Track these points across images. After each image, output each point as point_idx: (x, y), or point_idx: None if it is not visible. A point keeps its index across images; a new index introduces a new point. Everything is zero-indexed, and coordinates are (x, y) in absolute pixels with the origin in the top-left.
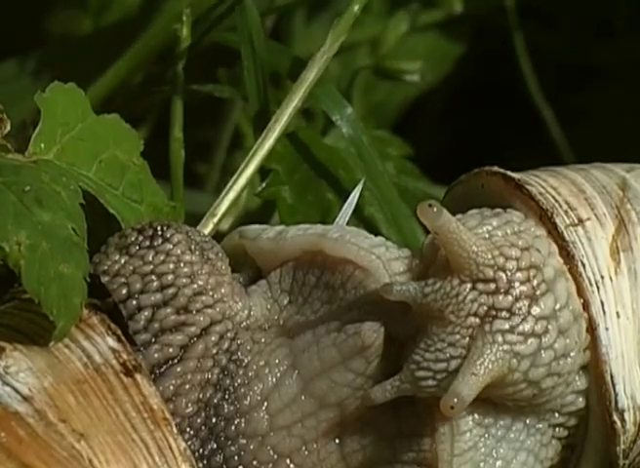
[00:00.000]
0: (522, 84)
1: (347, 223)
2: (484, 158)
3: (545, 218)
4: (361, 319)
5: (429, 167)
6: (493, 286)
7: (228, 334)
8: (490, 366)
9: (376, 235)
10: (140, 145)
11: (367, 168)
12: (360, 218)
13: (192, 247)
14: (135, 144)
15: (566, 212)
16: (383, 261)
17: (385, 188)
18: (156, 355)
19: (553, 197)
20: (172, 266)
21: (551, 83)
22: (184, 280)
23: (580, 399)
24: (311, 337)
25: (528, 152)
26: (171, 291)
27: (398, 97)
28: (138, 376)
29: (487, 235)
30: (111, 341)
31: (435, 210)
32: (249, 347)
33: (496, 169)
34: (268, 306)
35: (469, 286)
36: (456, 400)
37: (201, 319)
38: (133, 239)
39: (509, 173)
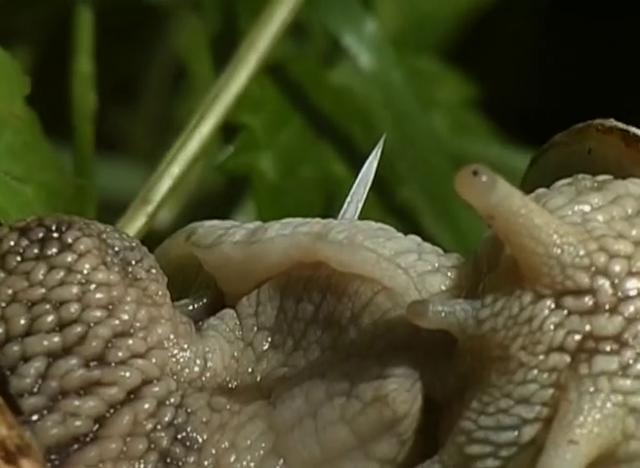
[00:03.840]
0: None
1: (360, 216)
2: (591, 107)
3: None
4: (382, 373)
5: (504, 119)
6: (589, 301)
7: (172, 400)
8: (595, 429)
9: (406, 234)
10: (24, 86)
11: (400, 121)
12: (389, 206)
13: (109, 258)
14: (15, 85)
15: None
16: (413, 277)
17: (431, 155)
18: (55, 431)
19: None
20: (76, 290)
21: None
22: (98, 313)
23: None
24: (304, 405)
25: None
26: (76, 330)
27: (453, 5)
28: (24, 463)
29: (579, 219)
30: None
31: (485, 179)
32: (205, 419)
33: (611, 123)
34: (236, 353)
35: (551, 302)
36: None
37: (126, 375)
38: (12, 244)
39: (633, 129)
